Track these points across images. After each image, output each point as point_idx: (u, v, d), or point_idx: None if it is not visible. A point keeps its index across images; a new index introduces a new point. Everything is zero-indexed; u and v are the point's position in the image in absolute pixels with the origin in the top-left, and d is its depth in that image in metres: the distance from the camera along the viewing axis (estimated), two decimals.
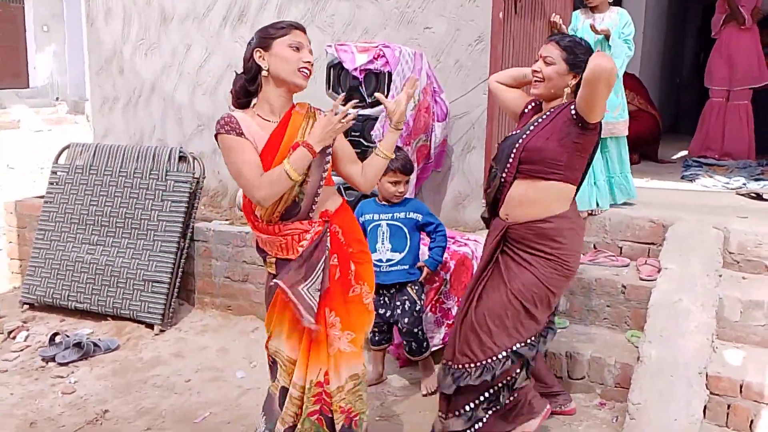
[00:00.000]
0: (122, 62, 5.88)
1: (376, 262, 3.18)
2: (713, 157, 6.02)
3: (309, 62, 2.28)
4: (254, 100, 2.36)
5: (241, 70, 2.33)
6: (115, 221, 4.54)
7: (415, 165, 3.86)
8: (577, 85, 2.64)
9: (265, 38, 2.27)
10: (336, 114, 2.24)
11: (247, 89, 2.33)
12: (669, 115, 8.68)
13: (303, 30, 2.31)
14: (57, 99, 15.70)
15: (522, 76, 2.87)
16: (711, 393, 2.85)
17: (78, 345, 3.87)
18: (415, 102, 3.73)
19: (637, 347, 3.13)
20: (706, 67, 6.42)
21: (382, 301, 3.31)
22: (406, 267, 3.26)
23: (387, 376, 3.53)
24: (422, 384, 3.38)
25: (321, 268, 2.30)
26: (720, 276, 3.33)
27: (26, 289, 4.67)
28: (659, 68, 8.78)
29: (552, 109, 2.69)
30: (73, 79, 15.59)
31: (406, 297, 3.28)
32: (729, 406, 2.87)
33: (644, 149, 6.08)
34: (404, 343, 3.35)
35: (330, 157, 2.34)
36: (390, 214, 3.26)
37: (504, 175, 2.71)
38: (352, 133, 3.77)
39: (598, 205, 3.97)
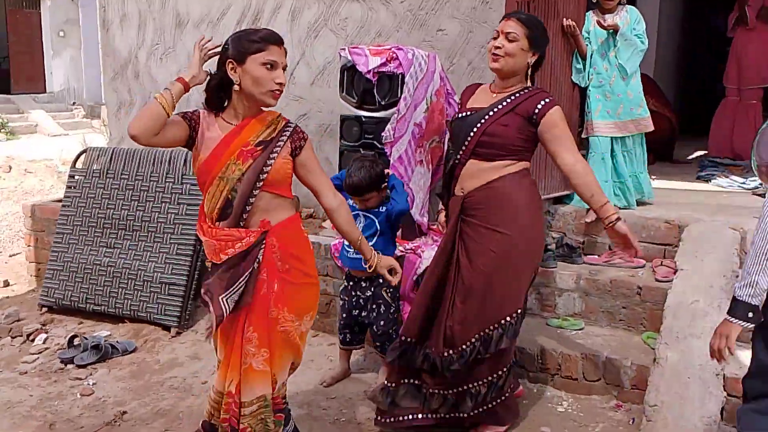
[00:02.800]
0: (137, 67, 5.94)
1: (347, 247, 3.34)
2: (729, 157, 5.98)
3: (281, 83, 2.27)
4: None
5: (215, 70, 2.33)
6: (132, 224, 4.58)
7: (429, 167, 3.87)
8: (535, 64, 2.73)
9: (239, 51, 2.24)
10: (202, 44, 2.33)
11: (218, 94, 2.34)
12: (686, 115, 8.61)
13: (279, 44, 2.28)
14: (73, 103, 15.89)
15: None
16: (728, 395, 2.83)
17: (96, 347, 3.91)
18: (428, 104, 3.74)
19: (653, 349, 3.12)
20: None
21: (355, 302, 3.39)
22: None
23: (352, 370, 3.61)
24: (380, 377, 3.40)
25: (245, 280, 2.29)
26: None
27: (45, 292, 4.73)
28: (675, 67, 8.73)
29: (514, 96, 2.71)
30: (89, 84, 15.77)
31: (381, 300, 3.34)
32: None
33: (658, 150, 6.05)
34: (377, 343, 3.39)
35: (273, 162, 2.30)
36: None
37: (459, 155, 2.77)
38: (366, 135, 3.79)
39: (628, 204, 4.03)
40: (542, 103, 2.66)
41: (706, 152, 6.41)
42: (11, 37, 16.09)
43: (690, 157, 6.56)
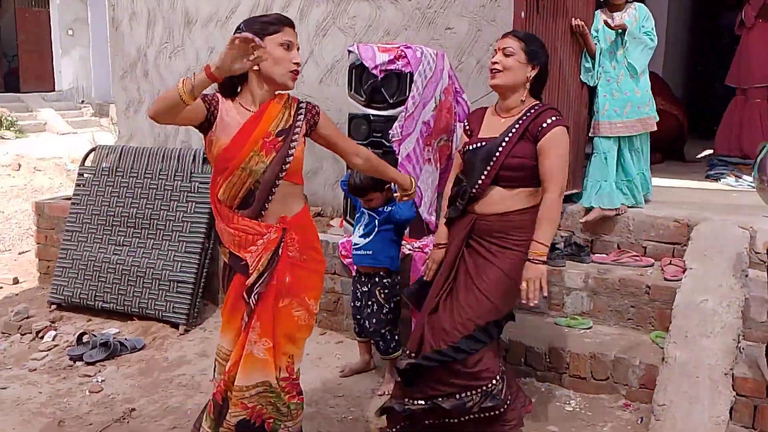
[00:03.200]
0: (146, 65, 5.96)
1: (353, 245, 3.44)
2: (738, 156, 5.96)
3: (298, 63, 2.31)
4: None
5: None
6: (141, 222, 4.60)
7: (437, 165, 3.87)
8: (536, 78, 2.68)
9: (256, 33, 2.21)
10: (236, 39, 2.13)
11: (232, 79, 2.31)
12: (694, 113, 8.58)
13: (292, 26, 2.32)
14: (82, 102, 15.95)
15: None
16: (737, 394, 2.82)
17: (105, 344, 3.93)
18: (437, 102, 3.74)
19: (661, 348, 3.12)
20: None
21: (359, 294, 3.45)
22: (369, 253, 3.35)
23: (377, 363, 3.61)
24: (382, 385, 3.41)
25: (268, 274, 2.34)
26: (746, 276, 3.29)
27: (54, 290, 4.75)
28: (683, 66, 8.69)
29: (523, 118, 2.65)
30: (98, 82, 15.81)
31: (374, 299, 3.37)
32: (756, 408, 2.83)
33: (666, 149, 6.03)
34: (373, 341, 3.44)
35: (294, 152, 2.33)
36: None
37: (475, 189, 2.69)
38: (374, 134, 3.79)
39: (636, 201, 4.01)
40: (548, 121, 2.60)
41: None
42: (20, 36, 16.16)
43: (699, 156, 6.54)
